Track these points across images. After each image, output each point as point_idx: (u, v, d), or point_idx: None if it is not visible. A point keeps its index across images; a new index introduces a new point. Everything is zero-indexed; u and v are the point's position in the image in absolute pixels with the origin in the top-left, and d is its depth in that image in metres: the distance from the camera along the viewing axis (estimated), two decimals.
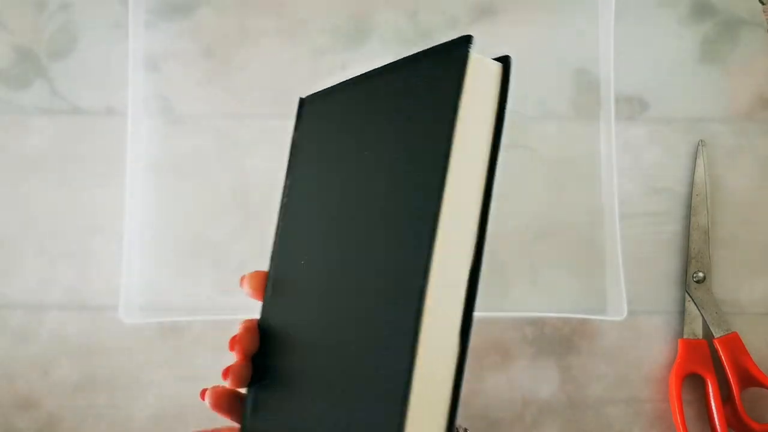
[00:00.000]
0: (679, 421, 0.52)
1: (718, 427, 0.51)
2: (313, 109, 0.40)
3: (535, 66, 0.57)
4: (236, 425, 0.38)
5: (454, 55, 0.28)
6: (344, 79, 0.37)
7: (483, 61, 0.28)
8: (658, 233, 0.56)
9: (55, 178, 0.55)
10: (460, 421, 0.42)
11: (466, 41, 0.28)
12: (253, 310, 0.40)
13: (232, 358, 0.38)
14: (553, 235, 0.55)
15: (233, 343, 0.37)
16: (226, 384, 0.37)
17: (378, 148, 0.32)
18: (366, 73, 0.35)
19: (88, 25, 0.57)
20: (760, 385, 0.52)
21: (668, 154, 0.57)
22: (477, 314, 0.28)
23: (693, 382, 0.53)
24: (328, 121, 0.38)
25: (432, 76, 0.30)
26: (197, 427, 0.51)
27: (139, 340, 0.54)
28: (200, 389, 0.38)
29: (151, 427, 0.53)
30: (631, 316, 0.52)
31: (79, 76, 0.56)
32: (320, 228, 0.36)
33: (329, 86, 0.39)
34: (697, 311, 0.54)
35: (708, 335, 0.53)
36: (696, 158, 0.56)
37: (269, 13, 0.57)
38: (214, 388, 0.38)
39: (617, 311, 0.52)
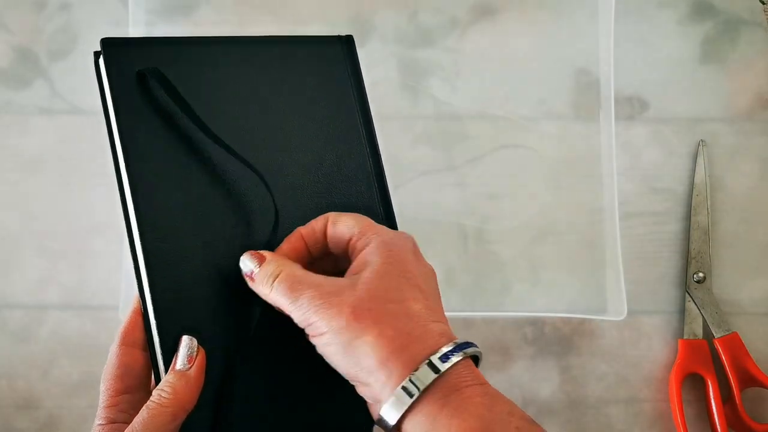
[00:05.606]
0: (679, 421, 0.52)
1: (718, 427, 0.51)
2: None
3: (535, 66, 0.57)
4: None
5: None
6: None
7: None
8: (658, 233, 0.56)
9: (55, 178, 0.55)
10: None
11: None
12: None
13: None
14: (553, 235, 0.55)
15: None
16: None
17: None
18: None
19: (88, 25, 0.57)
20: (760, 385, 0.52)
21: (668, 154, 0.57)
22: (477, 314, 0.28)
23: (693, 382, 0.53)
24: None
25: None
26: None
27: None
28: None
29: None
30: (631, 316, 0.52)
31: (79, 76, 0.56)
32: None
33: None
34: (698, 311, 0.54)
35: (708, 335, 0.53)
36: (696, 158, 0.56)
37: (269, 13, 0.57)
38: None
39: (617, 311, 0.52)
